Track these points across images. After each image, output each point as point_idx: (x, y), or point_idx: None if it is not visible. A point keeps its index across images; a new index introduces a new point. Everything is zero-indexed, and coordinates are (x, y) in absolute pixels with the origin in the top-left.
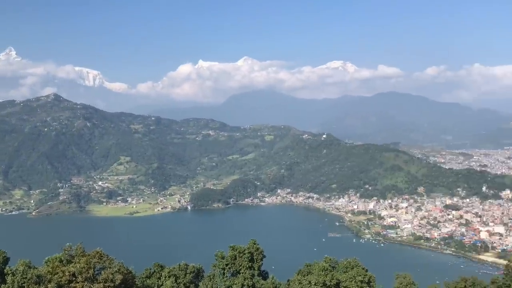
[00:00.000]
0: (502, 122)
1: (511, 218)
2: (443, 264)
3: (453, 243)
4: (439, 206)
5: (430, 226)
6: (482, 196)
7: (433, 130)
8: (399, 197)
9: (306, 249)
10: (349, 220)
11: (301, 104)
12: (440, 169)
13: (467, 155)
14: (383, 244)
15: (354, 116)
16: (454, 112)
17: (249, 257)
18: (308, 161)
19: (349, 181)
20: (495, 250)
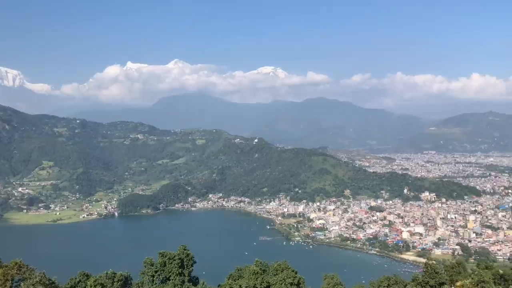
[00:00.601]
0: (422, 128)
1: (430, 218)
2: (368, 263)
3: (377, 243)
4: (364, 208)
5: (356, 227)
6: (404, 198)
7: (358, 135)
8: (327, 199)
9: (237, 253)
10: (280, 223)
11: (233, 108)
12: (365, 173)
13: (390, 159)
14: (312, 246)
15: (284, 121)
16: (378, 118)
17: (179, 263)
18: (240, 165)
19: (280, 185)
20: (415, 249)
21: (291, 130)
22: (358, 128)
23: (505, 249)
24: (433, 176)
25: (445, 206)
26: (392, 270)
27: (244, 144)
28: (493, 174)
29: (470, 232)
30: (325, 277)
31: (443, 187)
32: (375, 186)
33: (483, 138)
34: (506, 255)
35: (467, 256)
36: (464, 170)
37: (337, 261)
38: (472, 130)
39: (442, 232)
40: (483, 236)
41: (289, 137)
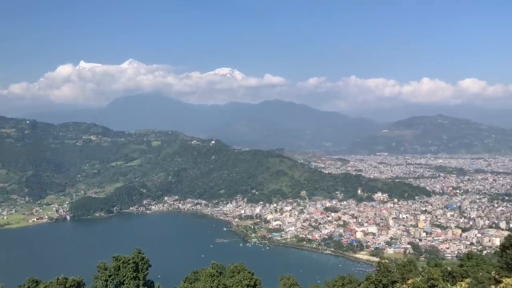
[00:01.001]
0: (375, 130)
1: (383, 218)
2: (324, 263)
3: (332, 243)
4: (320, 209)
5: (312, 228)
6: (358, 199)
7: (314, 136)
8: (284, 201)
9: (194, 256)
10: (237, 225)
11: (190, 109)
12: (321, 174)
13: (344, 161)
14: (269, 247)
15: (242, 123)
16: (333, 120)
17: (133, 267)
18: (197, 167)
19: (237, 186)
20: (369, 248)
21: (248, 131)
22: (314, 130)
23: (453, 247)
24: (386, 177)
25: (397, 206)
26: (347, 269)
27: (201, 145)
28: (442, 175)
29: (420, 231)
30: (282, 278)
31: (395, 187)
32: (330, 187)
33: (433, 140)
34: (454, 253)
35: (418, 254)
36: (415, 171)
37: (293, 262)
38: (422, 133)
39: (394, 232)
40: (432, 235)
41: (246, 139)
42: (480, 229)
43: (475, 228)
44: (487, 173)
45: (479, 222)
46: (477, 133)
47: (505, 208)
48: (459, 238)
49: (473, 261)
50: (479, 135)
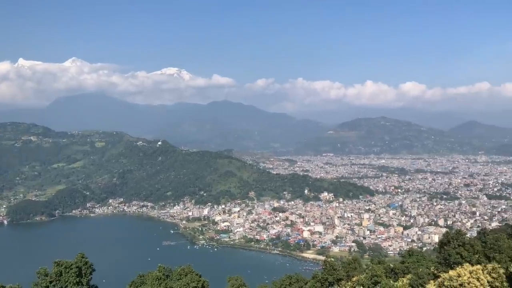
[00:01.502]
0: (322, 131)
1: (329, 217)
2: (272, 263)
3: (280, 243)
4: (268, 209)
5: (260, 228)
6: (305, 198)
7: (263, 138)
8: (232, 202)
9: (140, 260)
10: (184, 227)
11: (135, 109)
12: (269, 174)
13: (292, 161)
14: (217, 249)
15: (189, 123)
16: (281, 121)
17: (76, 272)
18: (143, 168)
19: (185, 188)
20: (315, 247)
21: (196, 132)
22: (263, 131)
23: (395, 245)
24: (331, 177)
25: (342, 205)
26: (294, 268)
27: (147, 146)
28: (384, 175)
29: (364, 230)
30: (229, 279)
31: (340, 187)
32: (278, 187)
33: (376, 141)
34: (396, 250)
35: (362, 252)
36: (359, 171)
37: (241, 263)
38: (366, 134)
39: (340, 230)
40: (376, 233)
41: (194, 140)
42: (420, 227)
43: (416, 225)
44: (427, 172)
45: (419, 220)
46: (418, 134)
47: (443, 206)
48: (401, 236)
49: (413, 258)
50: (419, 137)
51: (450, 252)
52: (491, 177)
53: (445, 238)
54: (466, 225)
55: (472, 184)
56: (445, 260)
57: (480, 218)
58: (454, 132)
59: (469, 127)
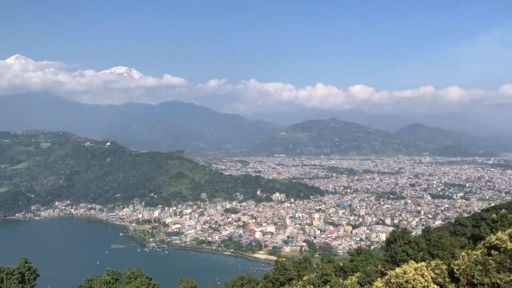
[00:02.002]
0: (274, 133)
1: (280, 218)
2: (223, 265)
3: (232, 244)
4: (220, 210)
5: (212, 230)
6: (257, 199)
7: (215, 138)
8: (184, 203)
9: (88, 264)
10: (134, 230)
11: (83, 109)
12: (221, 176)
13: (244, 162)
14: (168, 251)
15: (140, 124)
16: (234, 122)
17: (19, 278)
18: (91, 170)
19: (134, 190)
20: (267, 248)
21: (146, 133)
22: (215, 132)
23: (345, 244)
24: (283, 177)
25: (293, 205)
26: (246, 269)
27: (95, 147)
28: (334, 175)
29: (315, 229)
30: (180, 282)
31: (292, 188)
32: (231, 189)
33: (326, 143)
34: (346, 248)
35: (313, 251)
36: (310, 172)
37: (193, 265)
38: (316, 135)
39: (291, 230)
40: (326, 233)
41: (145, 141)
42: (369, 226)
43: (364, 224)
44: (374, 173)
45: (368, 219)
46: (366, 136)
47: (390, 205)
48: (350, 235)
49: (362, 256)
50: (367, 138)
51: (396, 250)
52: (435, 177)
53: (391, 237)
54: (411, 224)
55: (417, 184)
56: (391, 258)
57: (425, 216)
58: (400, 134)
59: (414, 129)
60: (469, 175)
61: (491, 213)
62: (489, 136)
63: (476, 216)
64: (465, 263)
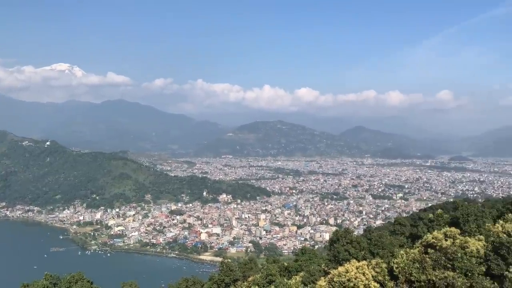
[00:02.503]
0: (221, 133)
1: (227, 219)
2: (168, 267)
3: (177, 246)
4: (165, 212)
5: (157, 232)
6: (203, 201)
7: (161, 139)
8: (127, 205)
9: (25, 268)
10: (75, 232)
11: (21, 107)
12: (167, 177)
13: (190, 163)
14: (110, 254)
15: (81, 123)
16: (181, 123)
17: None
18: (29, 170)
19: (75, 191)
20: (213, 249)
21: (88, 132)
22: (160, 133)
23: (290, 244)
24: (230, 178)
25: (240, 206)
26: (191, 271)
27: (34, 146)
28: (280, 176)
29: (261, 230)
30: (123, 285)
31: (239, 189)
32: (176, 190)
33: (273, 144)
34: (291, 248)
35: (259, 252)
36: (256, 173)
37: (137, 268)
38: (263, 137)
39: (237, 232)
40: (272, 233)
41: (87, 140)
42: (313, 226)
43: (309, 224)
44: (319, 174)
45: (312, 219)
46: (311, 138)
47: (333, 205)
48: (295, 235)
49: (306, 256)
50: (312, 140)
51: (339, 249)
52: (376, 179)
53: (334, 236)
54: (354, 224)
55: (359, 185)
56: (334, 257)
57: (366, 216)
58: (344, 136)
59: (357, 132)
60: (408, 177)
61: (428, 213)
62: (427, 139)
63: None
64: (403, 261)
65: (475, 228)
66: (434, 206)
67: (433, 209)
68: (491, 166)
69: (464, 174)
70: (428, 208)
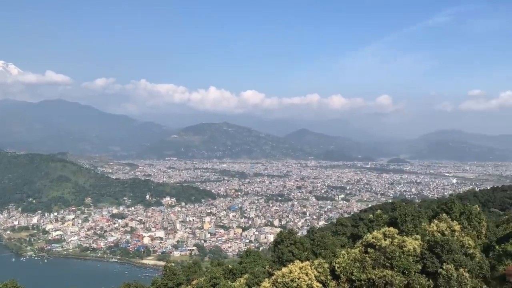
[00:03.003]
0: (165, 135)
1: (170, 222)
2: (109, 272)
3: (118, 251)
4: (106, 216)
5: (97, 236)
6: (146, 204)
7: (102, 140)
8: (66, 209)
9: None
10: (8, 238)
11: None
12: (108, 179)
13: (133, 165)
14: (47, 260)
15: (17, 123)
16: (123, 124)
17: None
18: None
19: (10, 195)
20: (156, 253)
21: (25, 133)
22: (102, 134)
23: (235, 246)
24: (174, 181)
25: (184, 209)
26: (133, 276)
27: None
28: (226, 179)
29: (205, 233)
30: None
31: (183, 191)
32: (118, 193)
33: (218, 146)
34: (235, 251)
35: (203, 255)
36: (202, 175)
37: (76, 273)
38: (209, 139)
39: (181, 235)
40: (216, 236)
41: (22, 141)
42: (258, 228)
43: (254, 226)
44: (264, 176)
45: (257, 221)
46: (257, 140)
47: (278, 207)
48: (240, 237)
49: (251, 258)
50: (258, 142)
51: (283, 250)
52: (319, 180)
53: (278, 238)
54: (298, 225)
55: (303, 186)
56: (278, 259)
57: (310, 217)
58: (289, 139)
59: (301, 134)
60: (349, 178)
61: (368, 214)
62: (368, 142)
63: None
64: (345, 261)
65: (412, 228)
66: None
67: (373, 209)
68: (427, 168)
69: (402, 175)
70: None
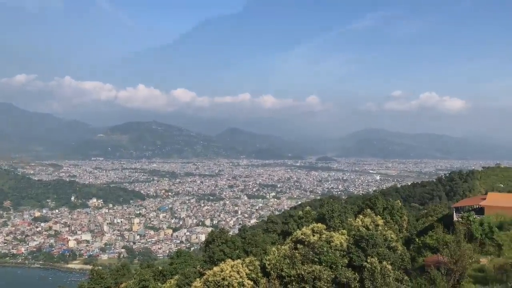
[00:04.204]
0: (91, 134)
1: (97, 225)
2: (31, 278)
3: (41, 255)
4: (28, 219)
5: (18, 241)
6: (71, 206)
7: (22, 140)
8: None
9: None
10: None
11: None
12: (29, 181)
13: (57, 166)
14: None
15: None
16: (46, 122)
17: None
18: None
19: None
20: (82, 257)
21: None
22: (22, 133)
23: (165, 247)
24: (101, 182)
25: (112, 211)
26: (58, 281)
27: None
28: (156, 179)
29: (134, 235)
30: None
31: (111, 193)
32: (41, 195)
33: (147, 146)
34: (166, 252)
35: (132, 257)
36: (130, 176)
37: None
38: (137, 138)
39: (109, 237)
40: (146, 237)
41: None
42: (189, 228)
43: (185, 227)
44: (196, 175)
45: (188, 221)
46: (188, 139)
47: (210, 207)
48: (171, 238)
49: (181, 259)
50: (189, 141)
51: (214, 250)
52: (251, 179)
53: (210, 237)
54: (229, 223)
55: (235, 185)
56: (210, 258)
57: (242, 216)
58: (220, 138)
59: (233, 133)
60: (280, 176)
61: (297, 211)
62: (297, 140)
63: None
64: (275, 258)
65: (339, 223)
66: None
67: (302, 206)
68: (353, 166)
69: (329, 173)
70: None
